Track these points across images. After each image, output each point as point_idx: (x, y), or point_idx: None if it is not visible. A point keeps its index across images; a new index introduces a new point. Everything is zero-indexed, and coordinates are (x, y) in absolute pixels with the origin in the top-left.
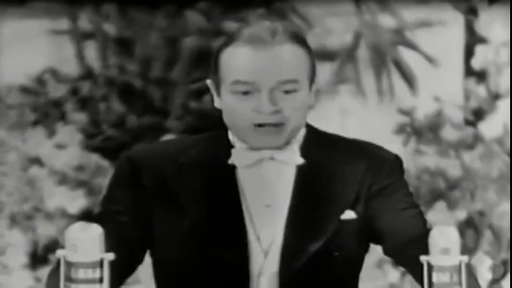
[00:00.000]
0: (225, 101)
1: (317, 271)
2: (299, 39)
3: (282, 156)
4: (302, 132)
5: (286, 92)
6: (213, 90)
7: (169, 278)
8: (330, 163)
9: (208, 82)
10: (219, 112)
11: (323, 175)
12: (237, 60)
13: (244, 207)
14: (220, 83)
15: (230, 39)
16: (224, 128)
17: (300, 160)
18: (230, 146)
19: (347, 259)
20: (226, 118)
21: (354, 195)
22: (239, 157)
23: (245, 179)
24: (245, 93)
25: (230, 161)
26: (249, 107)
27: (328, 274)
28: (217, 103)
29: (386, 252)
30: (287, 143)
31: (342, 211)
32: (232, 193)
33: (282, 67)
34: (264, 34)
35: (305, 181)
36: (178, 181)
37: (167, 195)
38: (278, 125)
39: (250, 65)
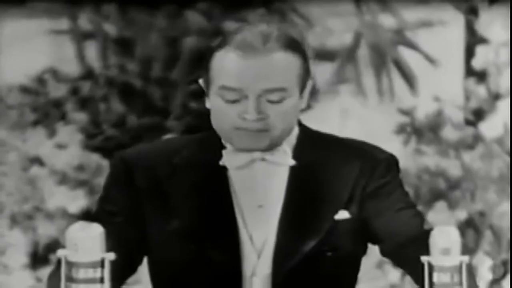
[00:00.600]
0: (212, 103)
1: (310, 271)
2: (293, 46)
3: (274, 157)
4: (295, 132)
5: (273, 102)
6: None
7: (164, 278)
8: (323, 163)
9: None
10: None
11: (316, 175)
12: (226, 65)
13: (236, 207)
14: (209, 85)
15: (223, 42)
16: None
17: (291, 162)
18: (222, 147)
19: (341, 260)
20: (212, 119)
21: (347, 195)
22: (230, 158)
23: (237, 179)
24: (233, 99)
25: (221, 163)
26: (235, 112)
27: (322, 275)
28: (207, 103)
29: (383, 252)
30: (276, 145)
31: (336, 211)
32: (224, 194)
33: (270, 76)
34: (255, 41)
35: (298, 181)
36: (171, 182)
37: (160, 196)
38: (262, 131)
39: (238, 72)
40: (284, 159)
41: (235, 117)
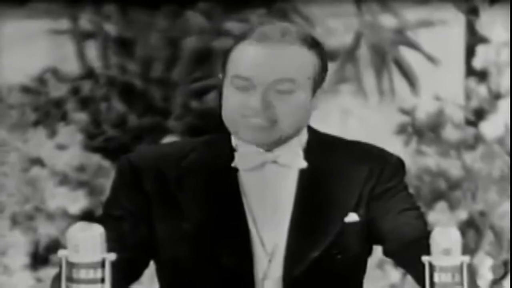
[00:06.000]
0: (224, 93)
1: (321, 274)
2: (312, 44)
3: (285, 159)
4: (305, 135)
5: (282, 92)
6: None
7: (174, 282)
8: (333, 166)
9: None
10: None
11: (326, 178)
12: (240, 56)
13: (247, 210)
14: (224, 78)
15: (243, 37)
16: (225, 131)
17: (304, 164)
18: (231, 148)
19: (350, 262)
20: (222, 110)
21: (356, 198)
22: (242, 160)
23: (247, 182)
24: (242, 88)
25: (233, 164)
26: (241, 100)
27: (332, 277)
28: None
29: (386, 253)
30: (285, 142)
31: (345, 214)
32: (235, 197)
33: (280, 66)
34: (273, 33)
35: (308, 184)
36: (181, 185)
37: (169, 200)
38: (270, 122)
39: (250, 61)
40: (296, 161)
41: (242, 106)
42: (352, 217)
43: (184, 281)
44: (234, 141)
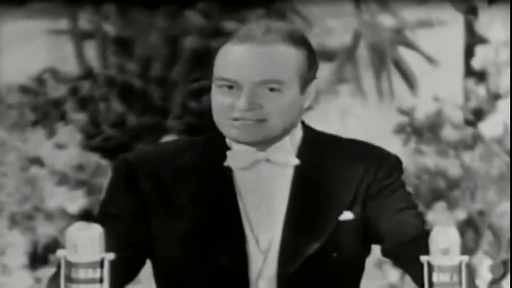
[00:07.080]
0: (212, 96)
1: (316, 272)
2: (296, 40)
3: (277, 157)
4: (300, 133)
5: (270, 91)
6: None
7: (169, 281)
8: (328, 164)
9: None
10: None
11: (320, 176)
12: (224, 58)
13: (242, 209)
14: (212, 79)
15: (230, 38)
16: None
17: (295, 161)
18: (226, 148)
19: (346, 261)
20: (213, 113)
21: (352, 196)
22: (234, 159)
23: (242, 181)
24: (229, 87)
25: (225, 164)
26: (229, 102)
27: (328, 276)
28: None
29: (384, 252)
30: (275, 139)
31: (340, 212)
32: (229, 196)
33: (265, 66)
34: (256, 32)
35: (303, 182)
36: (176, 185)
37: (165, 199)
38: (258, 121)
39: (234, 63)
40: (288, 159)
41: (230, 108)
42: (347, 215)
43: (179, 280)
44: (228, 140)
